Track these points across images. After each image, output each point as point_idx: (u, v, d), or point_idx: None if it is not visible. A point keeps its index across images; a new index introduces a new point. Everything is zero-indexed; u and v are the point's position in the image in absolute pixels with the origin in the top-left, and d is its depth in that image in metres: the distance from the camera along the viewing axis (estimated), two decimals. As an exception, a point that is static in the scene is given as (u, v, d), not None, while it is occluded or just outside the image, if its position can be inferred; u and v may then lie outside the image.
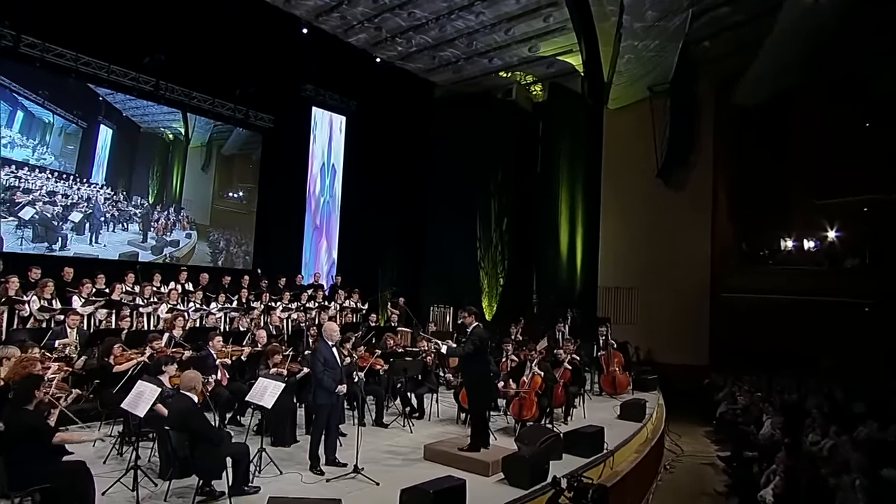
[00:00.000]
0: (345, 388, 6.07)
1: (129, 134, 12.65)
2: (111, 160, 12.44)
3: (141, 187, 12.99)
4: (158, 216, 13.30)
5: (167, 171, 13.45)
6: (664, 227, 15.22)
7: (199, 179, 13.96)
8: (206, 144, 14.06)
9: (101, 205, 12.20)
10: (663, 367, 13.94)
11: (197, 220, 13.97)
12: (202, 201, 14.00)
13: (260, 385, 5.96)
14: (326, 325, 6.35)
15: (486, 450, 6.56)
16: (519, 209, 16.60)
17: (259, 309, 10.94)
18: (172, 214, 13.54)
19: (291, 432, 7.04)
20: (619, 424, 8.73)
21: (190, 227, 13.87)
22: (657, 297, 15.27)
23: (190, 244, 13.97)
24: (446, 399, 9.09)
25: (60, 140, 11.59)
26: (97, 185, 12.17)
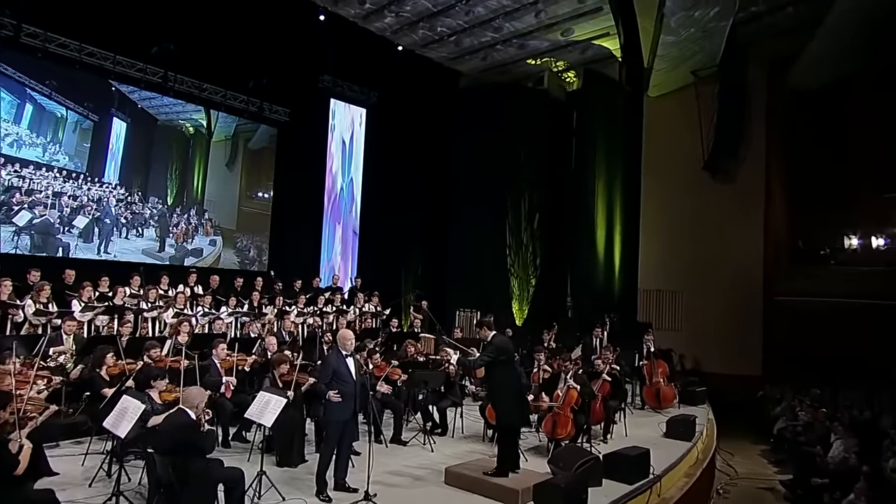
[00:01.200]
0: (338, 396, 5.54)
1: (145, 127, 11.98)
2: (125, 156, 11.80)
3: (158, 187, 12.27)
4: (178, 220, 12.51)
5: (187, 169, 12.63)
6: (711, 224, 14.46)
7: (224, 177, 13.09)
8: (230, 138, 13.24)
9: (113, 207, 11.69)
10: (711, 377, 13.19)
11: (222, 224, 13.10)
12: (227, 202, 13.10)
13: (261, 400, 5.51)
14: (341, 334, 5.88)
15: (516, 474, 5.99)
16: (551, 206, 15.99)
17: (272, 313, 10.57)
18: (194, 218, 12.74)
19: (299, 451, 6.59)
20: (665, 444, 8.06)
21: (214, 233, 12.99)
22: (703, 301, 14.54)
23: (214, 253, 13.08)
24: (472, 412, 8.54)
25: (75, 137, 11.07)
26: (109, 184, 11.68)
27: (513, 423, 6.15)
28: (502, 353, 6.06)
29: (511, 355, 6.34)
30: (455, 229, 16.60)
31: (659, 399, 10.17)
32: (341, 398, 5.59)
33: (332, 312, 11.61)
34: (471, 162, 16.37)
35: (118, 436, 4.67)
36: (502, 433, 6.15)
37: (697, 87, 14.51)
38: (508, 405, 6.06)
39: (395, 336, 11.07)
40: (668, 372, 10.50)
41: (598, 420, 7.99)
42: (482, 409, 7.86)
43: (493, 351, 6.02)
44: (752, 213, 14.30)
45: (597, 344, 11.41)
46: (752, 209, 14.30)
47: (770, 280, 14.34)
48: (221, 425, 6.98)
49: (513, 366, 6.36)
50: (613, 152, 15.61)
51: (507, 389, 6.08)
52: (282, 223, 13.83)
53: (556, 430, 7.18)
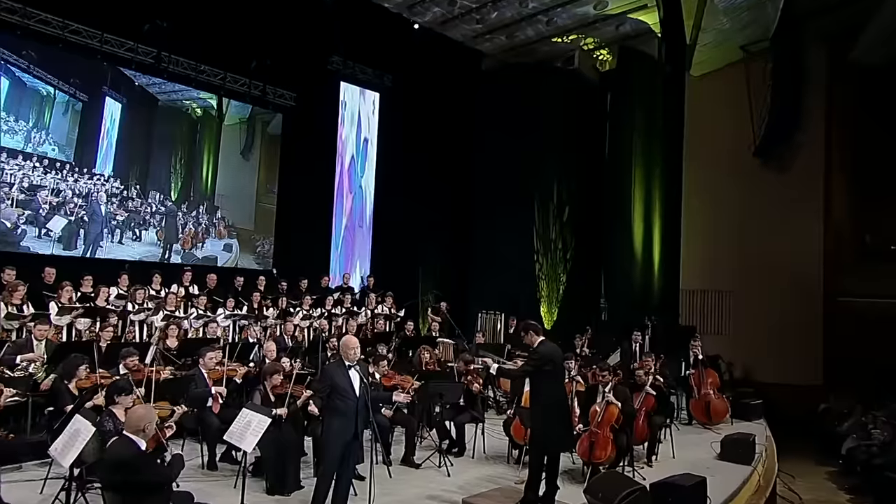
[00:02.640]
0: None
1: (144, 109, 10.91)
2: (120, 143, 10.72)
3: (159, 180, 11.17)
4: (185, 220, 11.41)
5: (195, 158, 11.49)
6: (763, 217, 13.63)
7: (239, 168, 11.91)
8: (245, 121, 12.11)
9: (103, 204, 10.62)
10: (763, 387, 12.35)
11: (237, 224, 11.95)
12: (243, 198, 11.92)
13: (242, 419, 4.86)
14: (343, 341, 5.25)
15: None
16: (584, 198, 15.17)
17: (273, 316, 10.00)
18: (204, 217, 11.64)
19: (294, 476, 5.94)
20: (720, 468, 7.29)
21: (229, 235, 11.82)
22: (754, 302, 13.73)
23: (231, 259, 11.91)
24: (495, 427, 7.79)
25: (66, 121, 10.07)
26: (101, 176, 10.74)
27: (554, 446, 5.44)
28: (549, 362, 5.38)
29: (559, 366, 5.69)
30: (477, 224, 15.93)
31: (709, 413, 9.36)
32: (341, 416, 4.94)
33: (341, 315, 11.03)
34: (494, 150, 15.69)
35: (61, 465, 4.06)
36: (538, 458, 5.42)
37: (747, 65, 13.75)
38: (551, 425, 5.36)
39: (409, 341, 10.44)
40: (718, 382, 9.69)
41: (641, 439, 7.22)
42: (507, 424, 7.12)
43: (540, 360, 5.36)
44: (809, 204, 13.50)
45: (636, 350, 10.62)
46: (810, 200, 13.51)
47: (832, 279, 13.53)
48: (207, 444, 6.41)
49: (560, 379, 5.69)
50: (652, 138, 14.75)
51: (551, 406, 5.38)
52: (287, 218, 13.19)
53: (594, 452, 6.42)
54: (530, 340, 5.54)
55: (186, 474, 6.14)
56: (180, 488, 5.67)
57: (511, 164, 15.37)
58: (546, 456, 5.42)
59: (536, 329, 5.56)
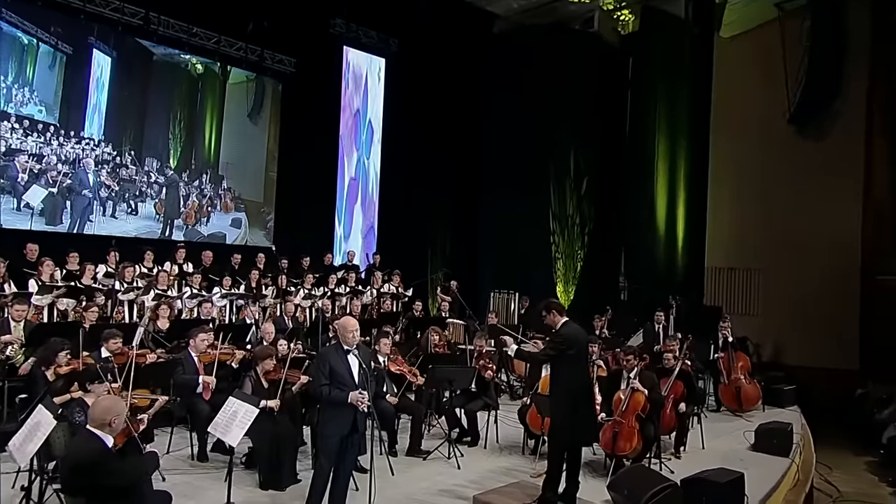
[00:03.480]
0: (363, 400, 4.51)
1: (138, 64, 10.01)
2: (111, 103, 9.83)
3: (157, 145, 10.35)
4: (187, 191, 10.62)
5: (196, 121, 10.64)
6: (796, 190, 12.99)
7: (246, 132, 11.07)
8: (253, 80, 11.30)
9: (91, 172, 9.84)
10: (794, 370, 11.86)
11: (244, 196, 11.17)
12: (252, 166, 11.11)
13: (227, 409, 4.47)
14: (341, 323, 4.83)
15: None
16: (603, 170, 14.59)
17: (272, 295, 9.63)
18: (208, 187, 10.87)
19: (290, 469, 5.58)
20: (755, 460, 6.86)
21: (237, 208, 11.09)
22: (785, 281, 13.16)
23: (240, 236, 11.17)
24: (509, 414, 7.39)
25: (54, 77, 9.19)
26: (90, 140, 9.91)
27: (576, 439, 5.04)
28: (572, 346, 4.96)
29: (584, 350, 5.28)
30: (489, 198, 15.38)
31: (739, 400, 8.95)
32: (338, 406, 4.55)
33: (344, 294, 10.68)
34: (507, 119, 15.09)
35: (17, 462, 3.69)
36: (558, 451, 5.00)
37: (782, 24, 13.03)
38: (573, 415, 4.94)
39: (417, 321, 10.04)
40: (749, 366, 9.26)
41: (668, 429, 6.78)
42: (522, 412, 6.70)
43: (563, 343, 4.95)
44: (848, 176, 12.80)
45: (660, 332, 10.16)
46: (849, 171, 12.79)
47: (870, 257, 12.87)
48: (197, 433, 6.07)
49: (584, 365, 5.27)
50: (677, 105, 14.13)
51: (573, 394, 4.96)
52: (287, 191, 12.71)
53: (618, 443, 5.99)
54: (552, 321, 5.10)
55: (174, 465, 5.89)
56: (166, 481, 5.45)
57: (525, 133, 14.80)
58: (567, 449, 5.00)
59: (559, 308, 5.12)
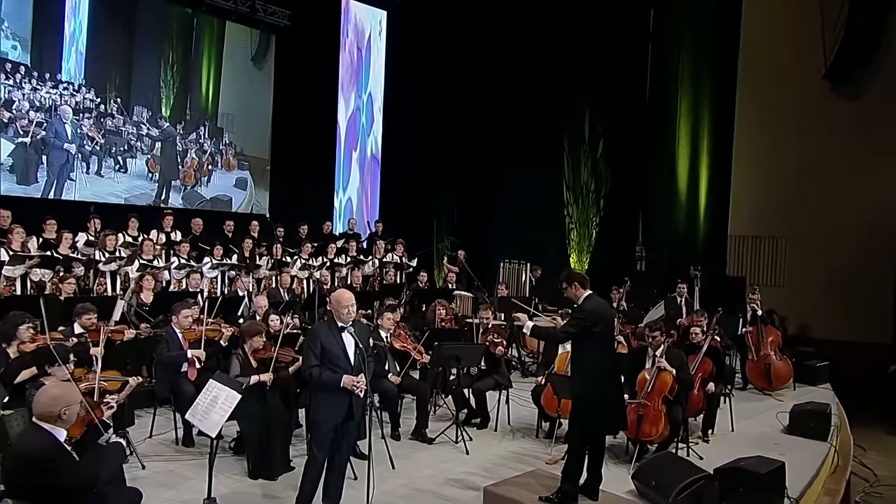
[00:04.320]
0: (358, 385, 4.11)
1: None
2: (92, 42, 8.87)
3: (146, 92, 9.41)
4: (184, 147, 9.82)
5: (192, 65, 9.73)
6: (829, 153, 12.37)
7: (249, 78, 10.24)
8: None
9: (69, 122, 8.82)
10: (821, 345, 11.40)
11: (247, 152, 10.38)
12: (256, 118, 10.30)
13: (207, 394, 4.04)
14: (335, 297, 4.32)
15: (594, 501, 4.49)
16: (621, 132, 13.96)
17: (266, 266, 9.20)
18: (209, 143, 10.09)
19: (282, 455, 5.18)
20: (790, 444, 6.43)
21: (240, 166, 10.29)
22: (814, 250, 12.64)
23: (246, 200, 10.49)
24: (522, 392, 6.96)
25: (27, 7, 8.18)
26: (69, 85, 8.98)
27: (599, 427, 4.59)
28: (597, 322, 4.48)
29: (610, 328, 4.79)
30: (499, 162, 14.80)
31: (769, 377, 8.52)
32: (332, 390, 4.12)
33: (345, 265, 10.26)
34: (519, 76, 14.45)
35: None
36: (579, 440, 4.56)
37: (819, -33, 12.27)
38: (596, 400, 4.49)
39: (423, 293, 9.62)
40: (780, 342, 8.81)
41: (695, 411, 6.36)
42: (536, 393, 6.27)
43: (587, 318, 4.47)
44: (886, 139, 12.09)
45: (682, 305, 9.69)
46: (888, 134, 12.08)
47: None
48: (182, 416, 5.65)
49: (609, 344, 4.78)
50: (701, 61, 13.50)
51: (597, 377, 4.50)
52: (283, 155, 12.17)
53: (643, 428, 5.56)
54: (574, 294, 4.61)
55: (156, 451, 5.50)
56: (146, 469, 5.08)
57: (537, 92, 14.18)
58: (590, 438, 4.57)
59: (582, 280, 4.62)
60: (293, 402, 5.71)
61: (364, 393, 4.16)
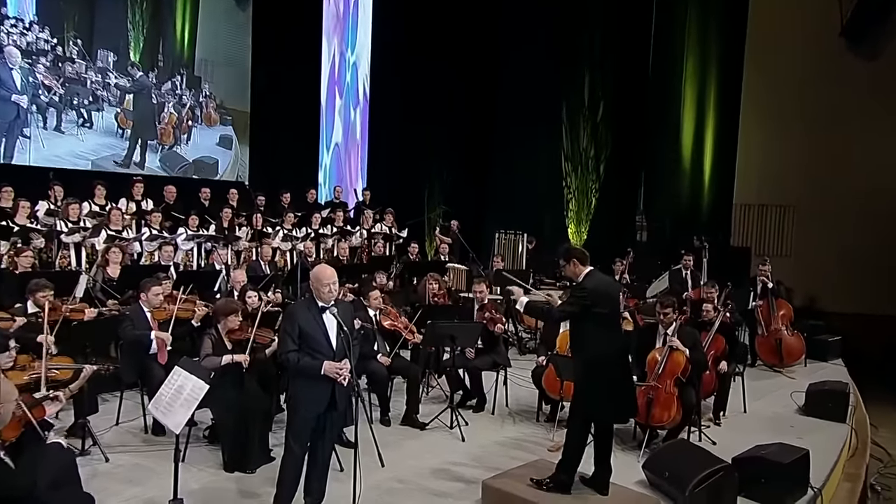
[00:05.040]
0: (341, 372, 3.71)
1: None
2: None
3: (111, 33, 8.50)
4: (160, 100, 9.07)
5: (164, 3, 8.88)
6: (843, 116, 12.12)
7: (229, 20, 9.43)
8: None
9: (16, 67, 7.76)
10: (829, 317, 11.22)
11: (227, 104, 9.71)
12: (236, 65, 9.60)
13: (171, 383, 3.63)
14: (315, 273, 3.89)
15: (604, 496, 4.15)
16: (623, 95, 13.49)
17: (246, 237, 8.76)
18: (188, 94, 9.29)
19: (261, 445, 4.82)
20: (807, 427, 6.15)
21: (222, 121, 9.58)
22: (823, 219, 12.52)
23: (231, 162, 9.88)
24: (520, 371, 6.61)
25: None
26: (18, 22, 7.93)
27: (604, 417, 4.22)
28: (599, 301, 4.08)
29: (615, 307, 4.41)
30: (494, 127, 14.30)
31: (780, 353, 8.21)
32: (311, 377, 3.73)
33: (331, 235, 9.84)
34: (517, 36, 13.90)
35: None
36: (579, 430, 4.20)
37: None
38: (600, 387, 4.10)
39: (414, 266, 9.21)
40: (791, 316, 8.49)
41: (707, 392, 6.01)
42: (537, 375, 5.91)
43: (586, 297, 4.07)
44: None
45: (687, 277, 9.33)
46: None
47: None
48: (151, 401, 5.27)
49: (615, 325, 4.35)
50: (708, 18, 13.06)
51: (601, 362, 4.11)
52: (264, 119, 11.55)
53: (653, 412, 5.21)
54: (573, 271, 4.22)
55: (123, 441, 5.12)
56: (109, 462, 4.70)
57: (536, 53, 13.63)
58: (591, 427, 4.20)
59: (581, 257, 4.21)
60: (273, 387, 5.32)
61: (348, 381, 3.76)
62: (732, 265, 11.05)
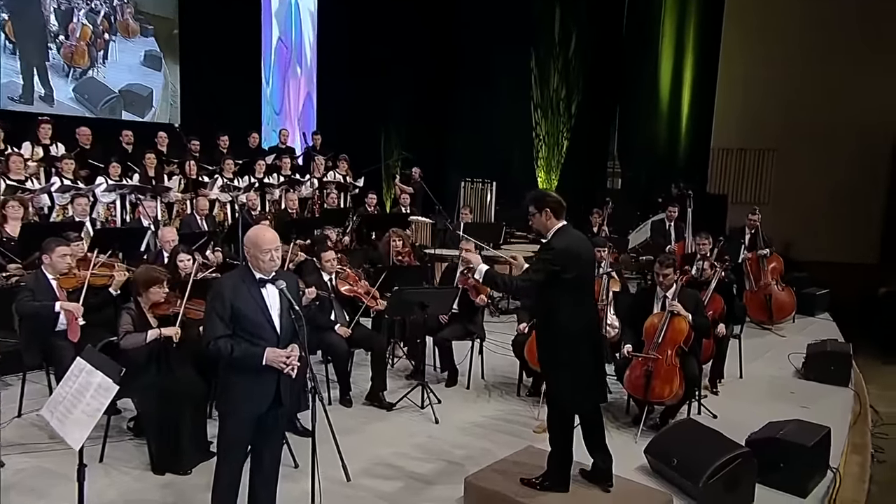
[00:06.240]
0: (288, 360, 2.99)
1: None
2: None
3: None
4: (69, 4, 7.86)
5: None
6: (827, 56, 11.71)
7: None
8: None
9: None
10: (809, 267, 11.06)
11: (144, 7, 8.59)
12: None
13: (71, 381, 2.89)
14: (251, 237, 3.09)
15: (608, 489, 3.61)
16: (596, 31, 12.70)
17: (178, 188, 7.86)
18: (101, 3, 8.14)
19: (198, 440, 4.13)
20: (809, 392, 5.82)
21: (143, 31, 8.37)
22: (802, 163, 12.20)
23: (162, 91, 9.05)
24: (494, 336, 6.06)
25: None
26: None
27: (582, 402, 3.59)
28: (569, 264, 3.39)
29: (587, 270, 3.64)
30: (457, 65, 13.34)
31: (770, 310, 7.85)
32: (248, 369, 3.00)
33: (277, 185, 8.98)
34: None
35: None
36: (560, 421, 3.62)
37: None
38: (578, 372, 3.48)
39: (373, 220, 8.48)
40: (782, 269, 8.15)
41: (705, 358, 5.54)
42: (518, 343, 5.32)
43: (555, 258, 3.38)
44: (887, 41, 11.53)
45: (670, 229, 8.88)
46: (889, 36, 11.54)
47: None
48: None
49: (588, 292, 3.65)
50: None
51: (576, 340, 3.47)
52: (197, 52, 10.40)
53: (653, 387, 4.68)
54: (543, 224, 3.50)
55: (25, 437, 4.34)
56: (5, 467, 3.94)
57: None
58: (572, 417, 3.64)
59: (557, 207, 3.48)
60: (210, 370, 4.58)
61: (298, 371, 3.06)
62: (709, 214, 10.68)
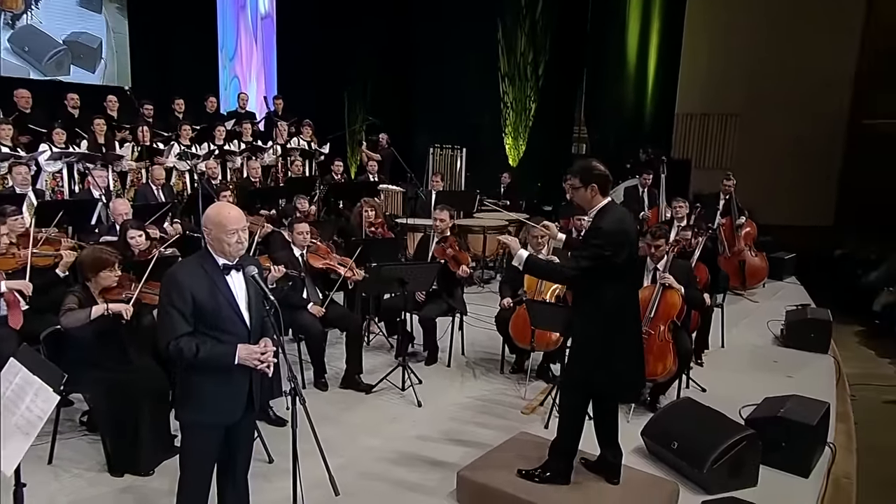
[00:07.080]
0: (262, 357, 2.50)
1: None
2: None
3: None
4: None
5: None
6: (788, 24, 11.48)
7: None
8: None
9: None
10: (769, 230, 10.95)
11: None
12: None
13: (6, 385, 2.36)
14: (212, 216, 2.54)
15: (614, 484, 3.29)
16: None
17: (130, 156, 7.16)
18: None
19: (158, 438, 3.63)
20: (792, 361, 5.64)
21: None
22: (763, 128, 12.03)
23: (105, 36, 8.49)
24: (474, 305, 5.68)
25: None
26: None
27: (619, 391, 3.31)
28: (621, 249, 3.03)
29: (634, 251, 3.24)
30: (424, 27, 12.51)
31: (744, 275, 7.70)
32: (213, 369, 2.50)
33: (239, 152, 8.30)
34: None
35: None
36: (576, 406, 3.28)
37: None
38: (622, 357, 3.15)
39: (340, 188, 7.93)
40: (755, 234, 7.98)
41: (692, 330, 5.26)
42: (502, 319, 4.92)
43: (607, 244, 2.99)
44: (846, 6, 11.44)
45: (643, 195, 8.62)
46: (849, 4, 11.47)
47: (861, 99, 12.01)
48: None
49: (635, 276, 3.48)
50: None
51: (621, 324, 3.14)
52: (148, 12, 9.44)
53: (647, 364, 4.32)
54: (585, 199, 3.11)
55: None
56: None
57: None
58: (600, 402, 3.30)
59: (605, 182, 3.08)
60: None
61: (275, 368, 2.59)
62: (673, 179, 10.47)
